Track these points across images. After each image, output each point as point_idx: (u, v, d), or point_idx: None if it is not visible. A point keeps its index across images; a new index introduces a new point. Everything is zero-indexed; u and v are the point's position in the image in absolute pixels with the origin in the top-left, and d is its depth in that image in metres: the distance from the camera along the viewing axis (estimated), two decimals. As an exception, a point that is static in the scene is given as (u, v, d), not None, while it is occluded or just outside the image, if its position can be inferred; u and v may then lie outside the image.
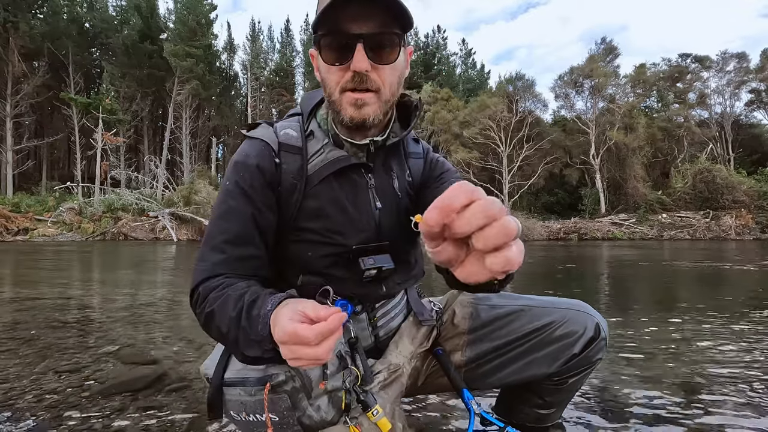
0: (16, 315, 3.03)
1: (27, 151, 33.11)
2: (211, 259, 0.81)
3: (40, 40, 31.10)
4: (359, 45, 0.76)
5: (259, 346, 0.67)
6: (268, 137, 0.89)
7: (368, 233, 0.91)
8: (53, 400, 1.49)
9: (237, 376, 0.79)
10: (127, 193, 24.20)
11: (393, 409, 0.90)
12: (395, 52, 0.80)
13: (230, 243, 0.82)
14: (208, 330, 0.77)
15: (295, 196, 0.87)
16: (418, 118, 0.94)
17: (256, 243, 0.84)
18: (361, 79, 0.79)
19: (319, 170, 0.88)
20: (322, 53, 0.80)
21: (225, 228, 0.83)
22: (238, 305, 0.71)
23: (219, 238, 0.83)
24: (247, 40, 40.29)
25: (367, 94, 0.80)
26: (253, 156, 0.86)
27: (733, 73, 31.40)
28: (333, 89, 0.81)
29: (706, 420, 1.31)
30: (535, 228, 22.37)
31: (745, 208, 23.24)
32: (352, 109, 0.81)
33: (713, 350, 2.09)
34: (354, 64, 0.77)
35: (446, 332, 1.08)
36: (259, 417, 0.77)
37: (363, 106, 0.80)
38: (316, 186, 0.88)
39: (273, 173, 0.86)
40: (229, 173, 0.88)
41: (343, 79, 0.79)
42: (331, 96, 0.83)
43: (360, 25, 0.76)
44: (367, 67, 0.77)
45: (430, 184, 1.00)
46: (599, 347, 0.99)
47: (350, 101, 0.80)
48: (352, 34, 0.76)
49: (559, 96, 31.17)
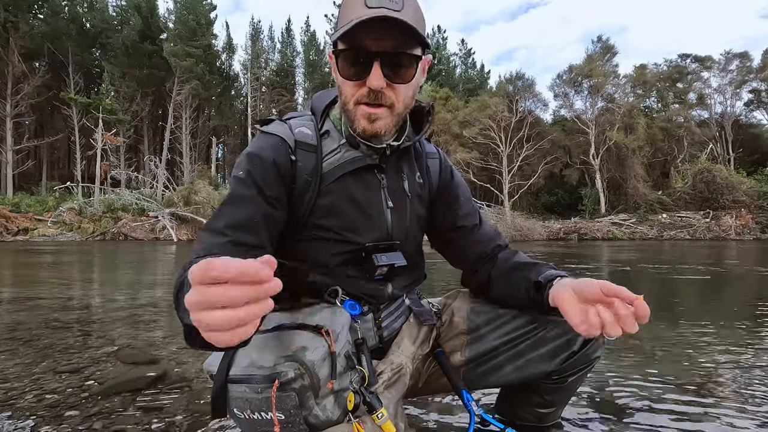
0: (16, 315, 3.03)
1: (27, 151, 33.09)
2: (210, 240, 0.80)
3: (40, 40, 31.09)
4: (376, 63, 0.78)
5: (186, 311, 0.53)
6: (285, 134, 0.90)
7: (380, 232, 0.93)
8: (53, 400, 1.49)
9: (243, 373, 0.77)
10: (127, 193, 24.19)
11: (396, 410, 0.90)
12: (411, 72, 0.82)
13: (232, 228, 0.81)
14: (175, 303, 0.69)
15: (309, 193, 0.88)
16: (431, 123, 0.97)
17: (259, 234, 0.83)
18: (376, 96, 0.81)
19: (334, 169, 0.90)
20: (340, 66, 0.81)
21: (230, 213, 0.82)
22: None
23: (221, 223, 0.81)
24: (247, 39, 40.32)
25: (380, 109, 0.83)
26: (269, 150, 0.87)
27: (735, 73, 31.44)
28: (348, 100, 0.84)
29: (707, 420, 1.31)
30: (535, 228, 22.36)
31: (745, 208, 23.24)
32: (365, 123, 0.84)
33: (713, 350, 2.09)
34: (370, 82, 0.79)
35: (446, 333, 1.08)
36: (264, 415, 0.76)
37: (376, 120, 0.83)
38: (330, 184, 0.89)
39: (288, 169, 0.87)
40: (242, 163, 0.87)
41: (359, 93, 0.82)
42: (345, 105, 0.85)
43: (379, 43, 0.78)
44: (383, 85, 0.80)
45: (446, 199, 1.05)
46: (597, 345, 0.99)
47: (364, 114, 0.83)
48: (370, 52, 0.78)
49: (558, 95, 31.19)
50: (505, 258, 1.02)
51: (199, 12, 34.76)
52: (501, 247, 1.06)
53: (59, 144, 36.73)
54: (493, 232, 1.09)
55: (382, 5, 0.77)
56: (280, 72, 42.27)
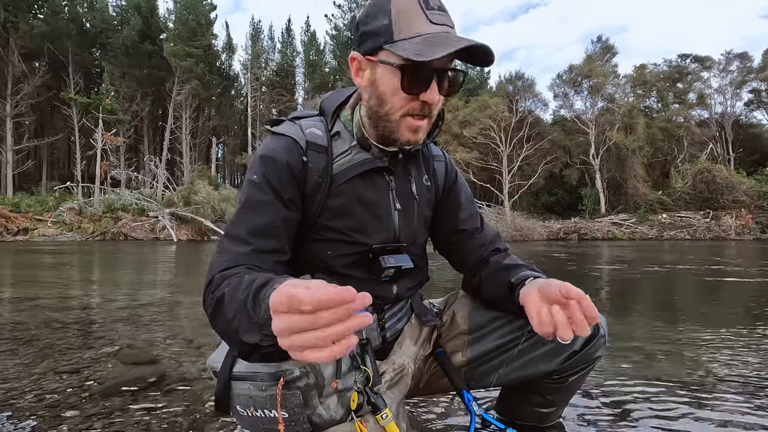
0: (16, 315, 3.03)
1: (27, 151, 33.08)
2: (234, 251, 0.79)
3: (40, 40, 31.08)
4: (434, 80, 0.80)
5: (260, 330, 0.60)
6: (296, 135, 0.89)
7: (388, 234, 0.94)
8: (53, 400, 1.49)
9: (248, 370, 0.77)
10: (127, 193, 24.18)
11: (398, 410, 0.90)
12: (459, 85, 0.84)
13: (255, 235, 0.81)
14: (213, 320, 0.72)
15: (320, 194, 0.88)
16: (440, 128, 0.97)
17: (281, 237, 0.84)
18: (428, 109, 0.83)
19: (344, 171, 0.90)
20: (404, 80, 0.80)
21: (250, 220, 0.82)
22: (249, 288, 0.66)
23: (243, 230, 0.81)
24: (247, 39, 40.32)
25: (424, 120, 0.85)
26: (282, 152, 0.87)
27: (735, 73, 31.46)
28: (394, 112, 0.84)
29: (707, 420, 1.31)
30: (535, 228, 22.36)
31: (745, 208, 23.25)
32: (409, 134, 0.85)
33: (714, 350, 2.09)
34: (428, 97, 0.80)
35: (447, 333, 1.08)
36: (267, 413, 0.76)
37: (419, 131, 0.85)
38: (340, 185, 0.89)
39: (300, 171, 0.87)
40: (255, 167, 0.87)
41: (409, 106, 0.82)
42: (388, 115, 0.84)
43: (443, 61, 0.79)
44: (439, 100, 0.82)
45: (449, 202, 1.07)
46: (599, 345, 0.99)
47: (410, 127, 0.84)
48: (433, 69, 0.79)
49: (558, 95, 31.20)
50: (495, 260, 1.03)
51: (199, 12, 34.76)
52: (499, 251, 1.07)
53: (59, 144, 36.74)
54: (493, 236, 1.10)
55: (444, 22, 0.79)
56: (280, 72, 42.28)
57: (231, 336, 0.67)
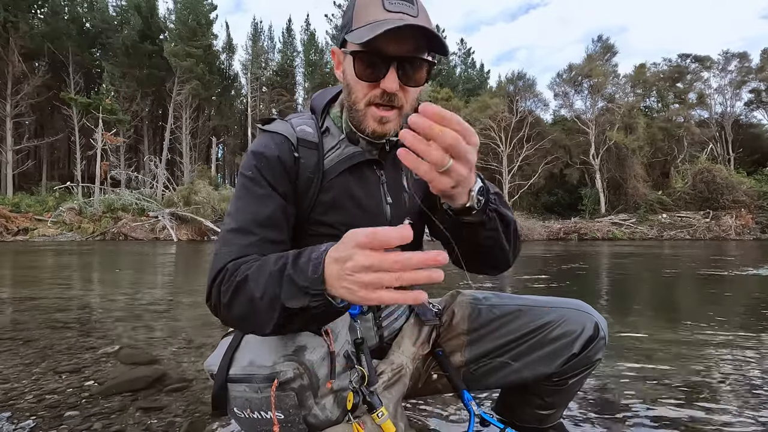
0: (16, 315, 3.03)
1: (27, 151, 33.08)
2: (240, 242, 0.79)
3: (40, 40, 31.10)
4: (392, 66, 0.79)
5: (307, 293, 0.62)
6: (287, 131, 0.90)
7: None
8: (53, 400, 1.49)
9: (243, 372, 0.77)
10: (127, 193, 24.19)
11: (396, 410, 0.90)
12: (424, 76, 0.83)
13: (260, 225, 0.81)
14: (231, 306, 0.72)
15: (312, 190, 0.89)
16: None
17: (282, 229, 0.84)
18: (389, 98, 0.82)
19: (335, 165, 0.91)
20: (356, 67, 0.81)
21: (252, 211, 0.82)
22: (280, 261, 0.68)
23: (246, 221, 0.81)
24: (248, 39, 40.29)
25: (391, 111, 0.84)
26: (274, 147, 0.88)
27: (735, 73, 31.45)
28: (359, 100, 0.84)
29: (707, 420, 1.31)
30: (535, 228, 22.36)
31: (745, 208, 23.25)
32: (375, 124, 0.85)
33: (714, 350, 2.09)
34: (385, 84, 0.80)
35: (446, 333, 1.08)
36: (263, 414, 0.76)
37: (386, 123, 0.84)
38: (331, 180, 0.90)
39: (292, 166, 0.88)
40: (247, 162, 0.88)
41: (371, 94, 0.83)
42: (355, 104, 0.86)
43: (396, 47, 0.79)
44: (397, 88, 0.81)
45: None
46: (598, 347, 0.99)
47: (375, 117, 0.84)
48: (387, 56, 0.79)
49: (558, 95, 31.19)
50: None
51: (199, 12, 34.75)
52: None
53: (59, 144, 36.73)
54: None
55: (401, 10, 0.78)
56: (280, 72, 42.26)
57: (264, 310, 0.67)
